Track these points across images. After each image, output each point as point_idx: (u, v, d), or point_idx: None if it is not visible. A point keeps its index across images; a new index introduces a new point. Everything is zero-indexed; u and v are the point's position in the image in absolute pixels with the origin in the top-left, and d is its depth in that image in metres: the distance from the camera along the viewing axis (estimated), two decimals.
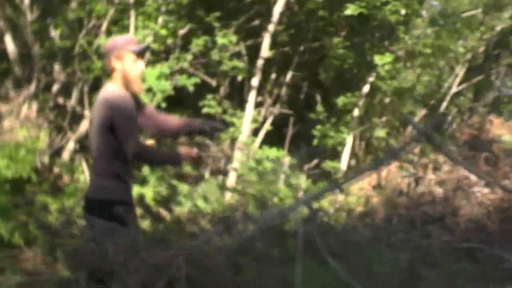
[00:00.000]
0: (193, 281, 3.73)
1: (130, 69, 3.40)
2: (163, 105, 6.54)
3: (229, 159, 6.51)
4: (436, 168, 6.47)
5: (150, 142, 3.96)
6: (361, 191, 6.63)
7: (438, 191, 6.19)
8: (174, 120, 3.76)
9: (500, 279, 4.30)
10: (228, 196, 6.49)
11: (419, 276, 4.76)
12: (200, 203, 5.77)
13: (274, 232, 5.51)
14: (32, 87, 6.50)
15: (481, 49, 10.43)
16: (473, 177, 6.05)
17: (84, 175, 6.55)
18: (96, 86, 6.44)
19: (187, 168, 6.63)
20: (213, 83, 7.16)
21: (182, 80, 6.55)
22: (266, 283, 4.56)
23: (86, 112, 6.61)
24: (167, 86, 6.40)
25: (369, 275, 5.00)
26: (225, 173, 6.97)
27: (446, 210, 5.95)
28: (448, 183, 6.18)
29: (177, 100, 7.64)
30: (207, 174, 6.96)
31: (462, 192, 6.00)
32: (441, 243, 5.31)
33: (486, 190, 5.88)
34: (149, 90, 6.38)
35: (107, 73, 3.60)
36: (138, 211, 4.25)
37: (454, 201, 5.96)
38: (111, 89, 3.40)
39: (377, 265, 5.25)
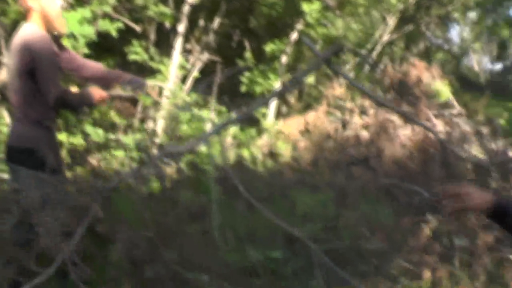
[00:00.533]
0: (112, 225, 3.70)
1: (48, 5, 3.21)
2: (86, 51, 6.33)
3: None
4: (362, 112, 6.57)
5: (73, 89, 3.80)
6: (289, 137, 6.68)
7: (364, 134, 6.30)
8: (97, 66, 3.59)
9: (416, 212, 4.44)
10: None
11: (341, 214, 4.87)
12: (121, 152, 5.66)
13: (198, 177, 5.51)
14: None
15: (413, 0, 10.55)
16: (397, 120, 6.19)
17: (7, 126, 6.30)
18: (14, 31, 6.13)
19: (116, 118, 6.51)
20: (138, 28, 6.96)
21: (104, 24, 6.33)
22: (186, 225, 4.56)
23: (5, 59, 6.32)
24: (89, 31, 6.17)
25: (293, 216, 5.09)
26: (153, 120, 6.88)
27: (370, 152, 6.08)
28: (373, 126, 6.29)
29: (105, 47, 7.45)
30: (136, 123, 6.84)
31: (386, 135, 6.13)
32: (363, 183, 5.43)
33: (409, 132, 6.03)
34: (71, 35, 6.15)
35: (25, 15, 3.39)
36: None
37: (379, 143, 6.09)
38: (30, 30, 3.19)
39: (301, 206, 5.34)
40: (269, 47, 7.64)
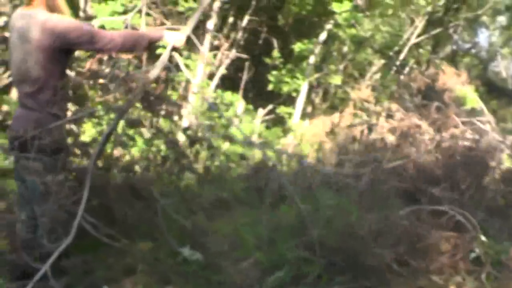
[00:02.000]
0: None
1: None
2: None
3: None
4: (389, 116, 6.52)
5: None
6: (314, 138, 6.65)
7: (390, 138, 6.24)
8: None
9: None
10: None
11: (365, 220, 4.83)
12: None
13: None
14: None
15: (441, 2, 10.43)
16: (424, 125, 6.12)
17: None
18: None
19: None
20: (167, 23, 6.96)
21: (134, 19, 6.35)
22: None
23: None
24: (119, 24, 6.22)
25: (317, 219, 5.06)
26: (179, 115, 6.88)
27: (396, 156, 6.02)
28: (399, 130, 6.23)
29: None
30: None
31: (412, 140, 6.07)
32: (389, 188, 5.38)
33: (435, 138, 5.97)
34: (101, 27, 6.18)
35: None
36: None
37: (404, 148, 6.03)
38: (44, 14, 3.19)
39: (325, 209, 5.31)
40: (297, 47, 7.61)
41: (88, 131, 5.59)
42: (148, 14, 6.64)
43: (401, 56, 10.21)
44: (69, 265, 3.32)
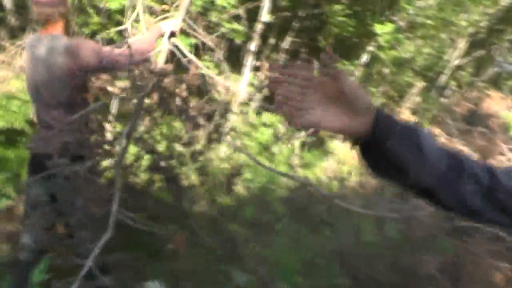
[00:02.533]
0: None
1: (68, 11, 3.32)
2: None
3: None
4: None
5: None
6: (354, 160, 6.60)
7: None
8: None
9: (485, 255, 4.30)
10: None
11: (406, 248, 4.77)
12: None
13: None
14: (27, 38, 6.36)
15: (484, 23, 10.28)
16: (467, 150, 6.03)
17: None
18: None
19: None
20: (212, 44, 7.02)
21: (180, 40, 6.42)
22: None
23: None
24: (165, 45, 6.28)
25: (358, 244, 5.02)
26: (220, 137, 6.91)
27: None
28: None
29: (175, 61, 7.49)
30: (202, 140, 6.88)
31: None
32: (430, 217, 5.31)
33: None
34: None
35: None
36: None
37: None
38: (63, 38, 3.24)
39: (366, 234, 5.27)
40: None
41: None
42: (190, 36, 6.71)
43: (442, 78, 10.09)
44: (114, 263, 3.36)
